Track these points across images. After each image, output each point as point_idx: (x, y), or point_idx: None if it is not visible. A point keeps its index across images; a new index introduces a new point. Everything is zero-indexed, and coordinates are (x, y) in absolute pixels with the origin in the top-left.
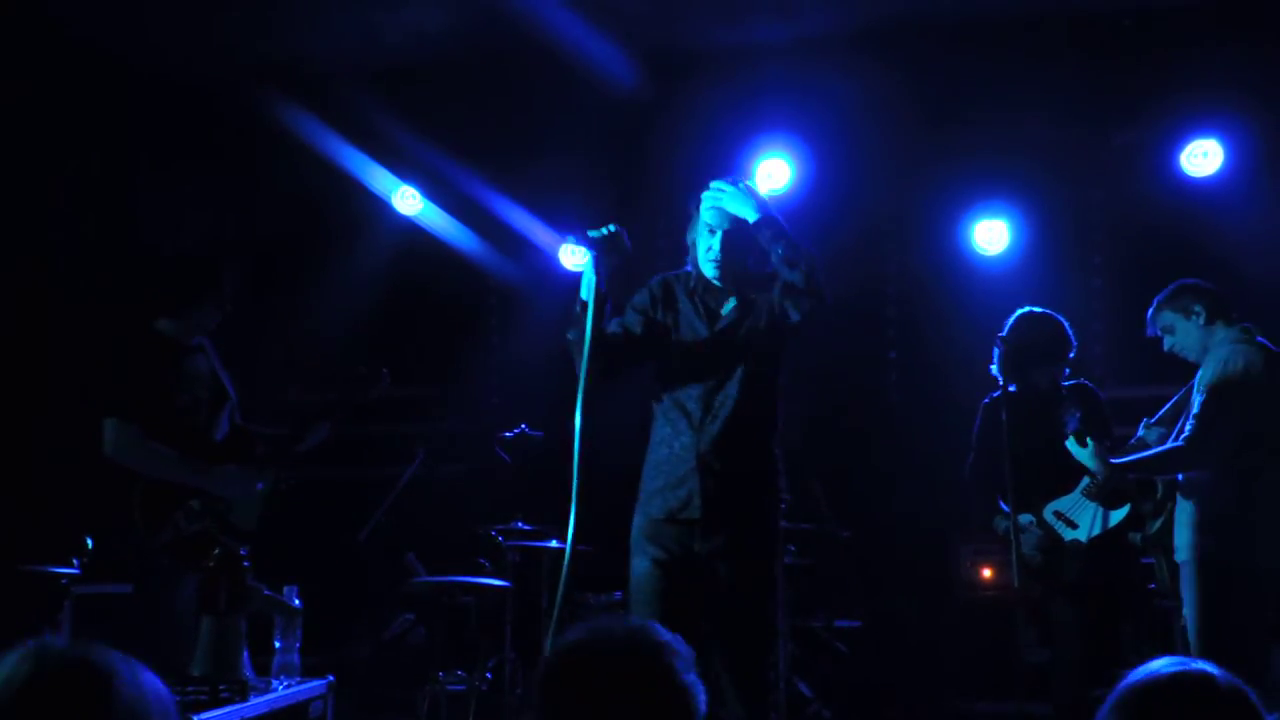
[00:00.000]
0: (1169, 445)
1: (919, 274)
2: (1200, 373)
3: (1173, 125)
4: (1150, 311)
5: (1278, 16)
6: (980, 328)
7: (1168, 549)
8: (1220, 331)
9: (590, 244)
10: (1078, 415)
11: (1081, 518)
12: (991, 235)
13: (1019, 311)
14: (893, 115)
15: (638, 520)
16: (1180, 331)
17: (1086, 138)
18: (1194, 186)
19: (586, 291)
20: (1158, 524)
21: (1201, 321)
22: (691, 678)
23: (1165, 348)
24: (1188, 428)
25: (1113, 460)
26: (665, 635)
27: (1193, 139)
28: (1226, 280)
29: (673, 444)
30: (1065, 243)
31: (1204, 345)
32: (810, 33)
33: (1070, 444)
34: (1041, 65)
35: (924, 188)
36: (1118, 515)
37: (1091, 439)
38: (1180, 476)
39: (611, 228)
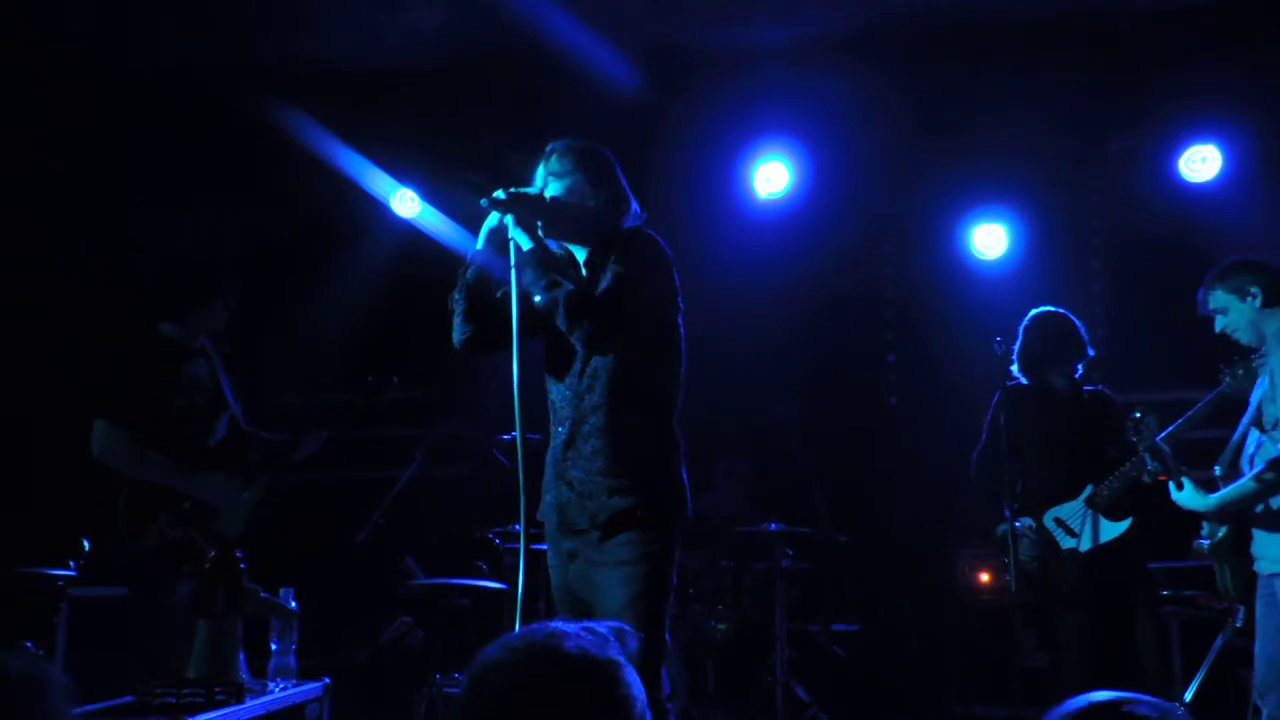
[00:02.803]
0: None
1: (918, 278)
2: (1273, 365)
3: (1171, 130)
4: (1202, 290)
5: (1276, 22)
6: (979, 332)
7: (1237, 556)
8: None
9: (504, 205)
10: (1152, 457)
11: (1081, 526)
12: (990, 239)
13: (1034, 311)
14: (892, 119)
15: None
16: (1234, 313)
17: (1085, 142)
18: (1192, 191)
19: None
20: (1224, 530)
21: (1258, 304)
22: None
23: (1216, 329)
24: None
25: (1221, 497)
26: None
27: (1191, 144)
28: None
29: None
30: (1064, 247)
31: (1259, 330)
32: (809, 35)
33: (1174, 494)
34: (1040, 70)
35: (923, 191)
36: (1120, 527)
37: (1187, 480)
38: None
39: (531, 189)
